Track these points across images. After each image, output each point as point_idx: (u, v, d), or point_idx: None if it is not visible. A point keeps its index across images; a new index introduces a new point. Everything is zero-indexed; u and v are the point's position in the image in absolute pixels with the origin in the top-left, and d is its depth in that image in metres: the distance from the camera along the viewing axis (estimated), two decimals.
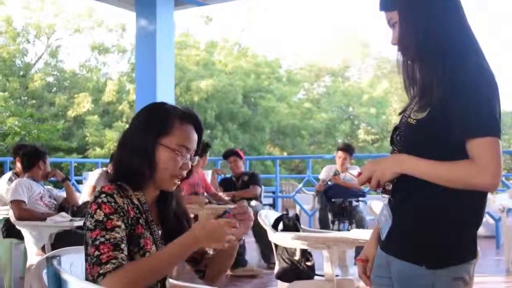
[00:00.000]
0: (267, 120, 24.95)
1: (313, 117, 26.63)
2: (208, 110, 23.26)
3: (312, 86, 31.11)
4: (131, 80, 24.46)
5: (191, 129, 1.82)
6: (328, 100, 28.47)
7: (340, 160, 6.89)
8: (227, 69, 26.17)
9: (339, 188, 6.79)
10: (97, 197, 1.67)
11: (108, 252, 1.59)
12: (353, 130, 27.48)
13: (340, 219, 6.76)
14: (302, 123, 25.95)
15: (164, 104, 1.85)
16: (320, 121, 26.46)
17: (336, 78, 30.75)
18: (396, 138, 1.75)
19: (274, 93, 25.80)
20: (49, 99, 24.58)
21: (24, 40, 25.67)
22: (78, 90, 24.75)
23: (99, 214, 1.64)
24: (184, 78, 23.90)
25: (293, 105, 26.85)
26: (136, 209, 1.75)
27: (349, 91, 28.41)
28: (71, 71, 26.64)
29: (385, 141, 26.35)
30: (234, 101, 24.54)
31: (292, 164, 23.92)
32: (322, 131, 26.30)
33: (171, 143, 1.76)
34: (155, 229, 1.80)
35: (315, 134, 26.38)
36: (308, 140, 25.96)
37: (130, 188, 1.77)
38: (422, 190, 1.65)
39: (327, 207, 6.78)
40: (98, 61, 27.34)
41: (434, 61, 1.66)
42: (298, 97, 29.16)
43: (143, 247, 1.72)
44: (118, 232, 1.63)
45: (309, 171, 9.53)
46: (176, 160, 1.77)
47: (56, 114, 23.88)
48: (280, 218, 3.84)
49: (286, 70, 28.96)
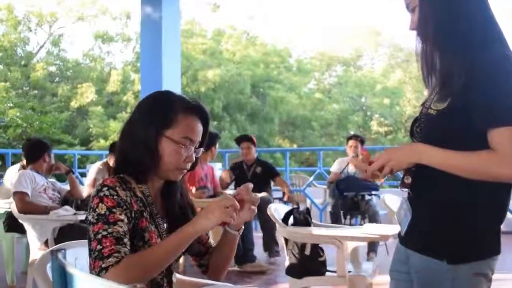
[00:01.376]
0: (276, 111, 24.93)
1: (324, 108, 26.58)
2: (216, 101, 23.30)
3: (323, 76, 31.05)
4: (135, 70, 24.51)
5: (196, 120, 1.81)
6: (339, 90, 28.40)
7: (352, 149, 6.87)
8: (235, 58, 26.15)
9: (351, 181, 6.76)
10: (99, 191, 1.68)
11: (111, 246, 1.59)
12: (366, 121, 27.40)
13: (352, 214, 6.74)
14: (312, 114, 25.91)
15: (168, 93, 1.84)
16: (331, 112, 26.42)
17: (348, 67, 30.68)
18: (416, 129, 1.74)
19: (284, 83, 25.76)
20: (51, 89, 24.68)
21: (25, 28, 25.78)
22: (81, 80, 24.83)
23: (101, 208, 1.64)
24: (191, 67, 23.91)
25: (304, 96, 26.81)
26: (139, 202, 1.75)
27: (361, 80, 28.32)
28: (74, 61, 26.72)
29: (399, 133, 26.28)
30: (242, 91, 24.53)
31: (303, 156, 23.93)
32: (334, 122, 26.25)
33: (175, 135, 1.76)
34: (160, 223, 1.80)
35: (326, 126, 26.33)
36: (319, 132, 25.93)
37: (133, 180, 1.77)
38: (443, 184, 1.63)
39: (339, 201, 6.76)
40: (102, 50, 27.44)
41: (456, 48, 1.63)
42: (308, 87, 29.11)
43: (148, 241, 1.72)
44: (120, 226, 1.63)
45: (320, 163, 9.52)
46: (179, 153, 1.76)
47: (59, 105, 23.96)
48: (291, 212, 3.83)
49: (296, 59, 28.91)
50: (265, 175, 6.79)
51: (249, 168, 6.80)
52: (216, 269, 1.95)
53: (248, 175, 6.75)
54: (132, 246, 1.67)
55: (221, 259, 1.93)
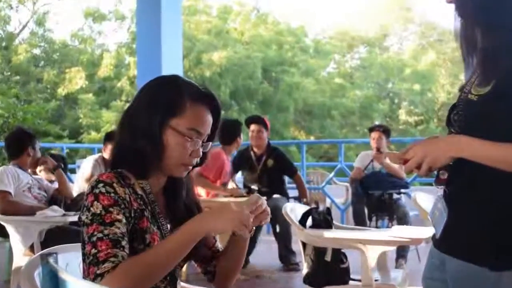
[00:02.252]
0: (291, 98, 24.91)
1: (345, 95, 26.53)
2: (222, 87, 23.32)
3: (344, 58, 30.98)
4: (131, 52, 24.58)
5: (205, 110, 1.82)
6: (363, 75, 28.32)
7: (375, 142, 6.82)
8: (243, 39, 26.15)
9: (377, 178, 6.74)
10: (94, 187, 1.68)
11: (107, 249, 1.60)
12: (393, 110, 27.33)
13: (379, 215, 6.73)
14: (332, 101, 25.87)
15: (176, 78, 1.84)
16: (353, 99, 26.36)
17: (373, 48, 30.55)
18: (454, 117, 1.72)
19: (299, 67, 25.72)
20: (36, 74, 24.83)
21: (6, 5, 25.88)
22: (69, 64, 24.95)
23: (96, 207, 1.65)
24: (194, 49, 23.95)
25: (322, 81, 26.77)
26: (140, 200, 1.75)
27: (388, 63, 28.22)
28: (61, 42, 26.84)
29: (431, 123, 26.19)
30: (252, 76, 24.52)
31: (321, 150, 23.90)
32: (356, 111, 26.20)
33: (181, 125, 1.76)
34: (163, 223, 1.80)
35: (347, 115, 26.28)
36: (340, 122, 25.89)
37: (132, 176, 1.77)
38: (485, 180, 1.62)
39: (363, 200, 6.75)
40: (93, 30, 27.53)
41: (501, 24, 1.62)
42: (327, 71, 29.07)
43: (149, 243, 1.72)
44: (118, 227, 1.64)
45: (341, 158, 9.51)
46: (185, 146, 1.77)
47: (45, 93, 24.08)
48: (309, 213, 3.83)
49: (313, 40, 28.85)
50: (278, 170, 6.55)
51: (259, 159, 6.52)
52: (224, 276, 1.96)
53: (257, 169, 6.50)
54: (131, 249, 1.68)
55: (229, 265, 1.94)
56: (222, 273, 1.96)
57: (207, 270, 1.98)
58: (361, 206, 6.78)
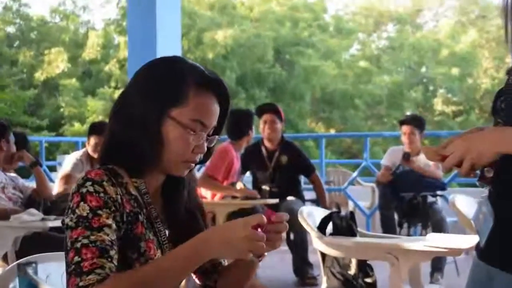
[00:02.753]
0: (307, 85, 24.91)
1: (371, 81, 26.49)
2: (227, 71, 23.34)
3: (370, 38, 30.93)
4: (121, 31, 24.63)
5: (212, 98, 1.82)
6: (392, 58, 28.27)
7: (406, 137, 6.83)
8: (252, 15, 26.16)
9: (409, 177, 6.75)
10: (80, 186, 1.68)
11: (92, 258, 1.60)
12: (427, 98, 27.27)
13: (411, 221, 6.73)
14: (356, 88, 25.85)
15: (179, 60, 1.84)
16: (381, 86, 26.31)
17: (403, 26, 30.47)
18: (500, 106, 1.71)
19: (317, 48, 25.70)
20: (10, 56, 24.90)
21: None
22: (49, 45, 25.01)
23: (82, 208, 1.65)
24: (194, 27, 23.97)
25: (344, 64, 26.75)
26: (134, 202, 1.75)
27: (421, 44, 28.14)
28: (40, 19, 26.91)
29: (471, 114, 26.12)
30: (262, 58, 24.54)
31: (343, 145, 23.90)
32: (384, 100, 26.17)
33: (183, 116, 1.76)
34: (161, 229, 1.80)
35: (374, 105, 26.26)
36: (365, 113, 25.87)
37: (125, 173, 1.77)
38: None
39: (393, 204, 6.76)
40: (76, 5, 27.60)
41: None
42: (350, 53, 29.03)
43: (144, 252, 1.72)
44: (107, 233, 1.64)
45: (366, 154, 9.50)
46: (187, 140, 1.77)
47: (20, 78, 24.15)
48: (329, 218, 3.84)
49: (333, 16, 28.83)
50: (293, 168, 6.56)
51: (271, 156, 6.53)
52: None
53: (269, 167, 6.52)
54: (124, 259, 1.68)
55: (233, 282, 1.94)
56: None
57: (206, 284, 1.98)
58: (390, 211, 6.79)
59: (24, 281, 1.61)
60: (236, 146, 6.23)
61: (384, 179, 6.98)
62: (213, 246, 1.61)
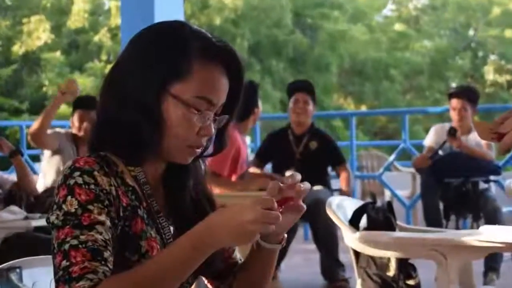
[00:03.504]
0: (333, 53, 24.88)
1: (409, 47, 26.38)
2: (238, 39, 23.33)
3: None
4: None
5: (220, 71, 1.80)
6: (433, 19, 28.15)
7: (457, 113, 6.79)
8: None
9: (456, 160, 6.72)
10: (67, 177, 1.67)
11: (83, 262, 1.59)
12: (476, 66, 27.17)
13: (459, 211, 6.72)
14: (391, 57, 25.77)
15: (181, 26, 1.82)
16: (421, 53, 26.22)
17: None
18: None
19: (345, 9, 25.62)
20: None
21: None
22: (28, 12, 25.04)
23: (70, 203, 1.65)
24: None
25: (376, 28, 26.63)
26: (131, 194, 1.75)
27: (468, 2, 27.99)
28: None
29: None
30: (279, 23, 24.50)
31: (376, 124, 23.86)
32: (425, 69, 26.08)
33: (186, 92, 1.75)
34: (164, 225, 1.80)
35: (412, 75, 26.20)
36: (402, 85, 25.80)
37: (120, 161, 1.78)
38: None
39: (437, 192, 6.74)
40: None
41: None
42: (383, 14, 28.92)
43: (146, 253, 1.72)
44: (100, 231, 1.63)
45: (405, 134, 9.48)
46: (191, 121, 1.76)
47: None
48: (363, 210, 3.84)
49: None
50: (323, 155, 6.61)
51: (299, 140, 6.57)
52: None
53: (297, 153, 6.56)
54: (123, 262, 1.68)
55: (252, 282, 1.95)
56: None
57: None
58: (434, 200, 6.77)
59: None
60: (241, 128, 6.07)
61: (421, 163, 6.94)
62: (219, 232, 1.60)
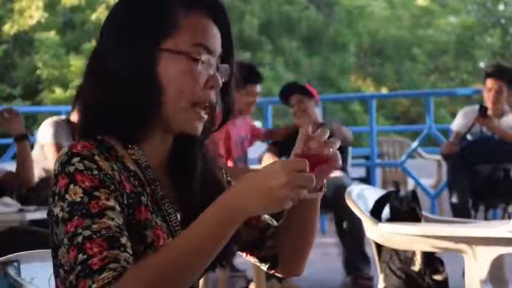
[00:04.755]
0: (351, 31, 24.85)
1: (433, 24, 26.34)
2: (247, 17, 23.31)
3: None
4: None
5: (206, 17, 1.83)
6: None
7: (492, 95, 6.76)
8: None
9: (486, 146, 6.71)
10: (65, 164, 1.66)
11: (102, 252, 1.57)
12: (507, 44, 27.08)
13: (489, 201, 6.72)
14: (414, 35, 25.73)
15: None
16: (446, 30, 26.16)
17: None
18: None
19: None
20: None
21: None
22: None
23: (74, 192, 1.63)
24: None
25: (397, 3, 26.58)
26: (134, 180, 1.75)
27: None
28: None
29: None
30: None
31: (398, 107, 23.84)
32: (451, 48, 26.03)
33: (180, 44, 1.77)
34: (170, 211, 1.79)
35: (437, 55, 26.16)
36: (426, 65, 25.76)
37: (119, 144, 1.77)
38: None
39: (465, 180, 6.73)
40: None
41: None
42: None
43: (152, 243, 1.71)
44: (111, 217, 1.62)
45: (429, 119, 9.47)
46: (194, 71, 1.77)
47: None
48: (386, 200, 3.84)
49: None
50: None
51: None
52: (292, 258, 2.00)
53: None
54: None
55: (297, 240, 1.97)
56: (288, 255, 1.99)
57: (262, 256, 2.01)
58: (462, 189, 6.75)
59: (4, 283, 1.62)
60: None
61: (450, 150, 6.92)
62: (248, 200, 1.58)
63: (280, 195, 1.55)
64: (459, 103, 14.06)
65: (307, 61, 23.37)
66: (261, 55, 23.53)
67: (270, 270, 2.01)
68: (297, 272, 2.01)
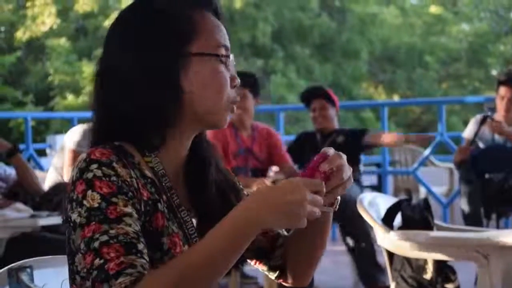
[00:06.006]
0: (363, 38, 24.81)
1: (445, 32, 26.27)
2: (260, 24, 23.27)
3: None
4: None
5: (217, 20, 1.87)
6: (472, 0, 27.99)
7: (504, 103, 6.74)
8: None
9: (498, 154, 6.69)
10: (83, 171, 1.67)
11: (119, 257, 1.59)
12: None
13: (502, 210, 6.70)
14: (426, 42, 25.67)
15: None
16: (459, 38, 26.09)
17: None
18: None
19: None
20: None
21: None
22: None
23: (92, 198, 1.64)
24: None
25: (410, 11, 26.53)
26: (151, 187, 1.76)
27: None
28: None
29: None
30: (304, 6, 24.47)
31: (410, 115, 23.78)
32: (464, 56, 25.96)
33: (206, 47, 1.81)
34: (187, 219, 1.81)
35: (450, 62, 26.08)
36: (438, 73, 25.69)
37: (136, 151, 1.78)
38: None
39: (477, 188, 6.71)
40: None
41: None
42: None
43: (168, 250, 1.72)
44: (128, 223, 1.63)
45: (441, 127, 9.45)
46: (223, 73, 1.82)
47: None
48: (397, 208, 3.84)
49: None
50: (351, 146, 6.59)
51: (325, 138, 6.74)
52: (300, 269, 2.00)
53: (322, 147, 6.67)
54: None
55: (306, 253, 1.97)
56: (296, 266, 2.00)
57: (271, 265, 2.01)
58: (474, 198, 6.73)
59: None
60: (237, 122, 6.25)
61: (461, 154, 6.90)
62: (266, 213, 1.60)
63: (297, 211, 1.58)
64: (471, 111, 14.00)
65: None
66: (274, 62, 23.51)
67: (278, 279, 2.01)
68: (304, 282, 2.01)
